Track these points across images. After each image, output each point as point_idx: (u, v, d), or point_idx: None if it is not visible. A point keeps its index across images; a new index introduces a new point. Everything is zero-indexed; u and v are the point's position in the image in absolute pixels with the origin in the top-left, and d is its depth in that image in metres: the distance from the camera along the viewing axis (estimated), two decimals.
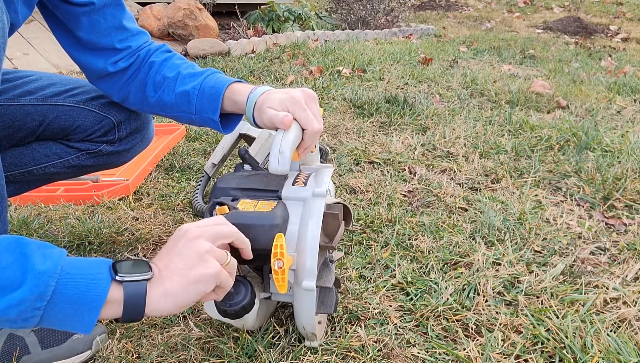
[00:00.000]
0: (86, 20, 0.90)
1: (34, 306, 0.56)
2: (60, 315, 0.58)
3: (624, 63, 3.87)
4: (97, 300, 0.59)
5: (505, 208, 1.42)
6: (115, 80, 0.98)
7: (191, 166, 1.70)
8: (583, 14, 6.58)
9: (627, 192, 1.52)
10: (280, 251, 0.73)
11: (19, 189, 1.07)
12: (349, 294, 1.04)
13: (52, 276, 0.57)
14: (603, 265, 1.18)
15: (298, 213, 0.82)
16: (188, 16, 3.80)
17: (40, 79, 1.02)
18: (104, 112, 1.04)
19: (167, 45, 1.03)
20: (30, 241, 0.59)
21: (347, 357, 0.88)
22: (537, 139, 1.96)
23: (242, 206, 0.81)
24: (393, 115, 2.20)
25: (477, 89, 2.72)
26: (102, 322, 0.95)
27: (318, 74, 2.94)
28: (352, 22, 5.22)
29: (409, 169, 1.68)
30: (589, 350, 0.89)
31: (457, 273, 1.12)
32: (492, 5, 8.05)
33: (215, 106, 0.91)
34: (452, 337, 0.94)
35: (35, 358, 0.84)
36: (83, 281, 0.58)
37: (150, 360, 0.87)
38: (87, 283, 0.59)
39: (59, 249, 0.61)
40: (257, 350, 0.87)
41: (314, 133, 0.85)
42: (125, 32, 0.96)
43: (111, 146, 1.08)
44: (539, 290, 1.06)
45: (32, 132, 1.00)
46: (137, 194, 1.51)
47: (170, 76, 0.95)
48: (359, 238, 1.26)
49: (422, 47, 4.14)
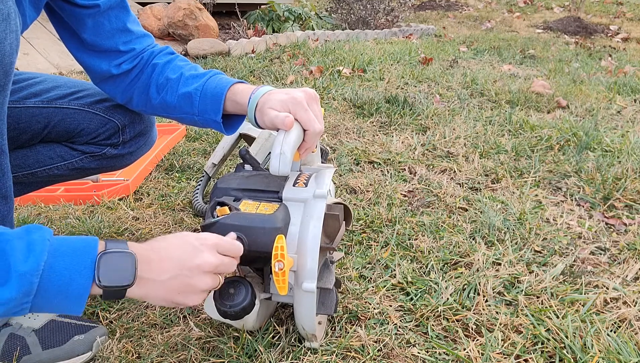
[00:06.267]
0: (91, 22, 0.90)
1: (21, 302, 0.58)
2: (48, 304, 0.60)
3: (624, 63, 3.87)
4: (80, 294, 0.61)
5: (505, 208, 1.42)
6: (118, 82, 0.98)
7: (191, 166, 1.70)
8: (583, 14, 6.58)
9: (627, 192, 1.52)
10: (280, 253, 0.73)
11: (22, 190, 1.08)
12: (349, 294, 1.04)
13: (35, 274, 0.58)
14: (603, 265, 1.18)
15: (299, 214, 0.82)
16: (188, 16, 3.80)
17: (45, 81, 1.02)
18: (109, 116, 1.05)
19: (170, 47, 1.03)
20: (11, 236, 0.59)
21: (347, 357, 0.88)
22: (537, 139, 1.96)
23: (244, 207, 0.81)
24: (393, 115, 2.20)
25: (477, 89, 2.72)
26: (102, 323, 0.96)
27: (318, 74, 2.94)
28: (352, 22, 5.21)
29: (409, 169, 1.68)
30: (589, 350, 0.89)
31: (457, 273, 1.12)
32: (492, 5, 8.04)
33: (217, 107, 0.91)
34: (452, 337, 0.94)
35: (35, 358, 0.84)
36: (66, 274, 0.60)
37: (151, 360, 0.87)
38: (70, 276, 0.60)
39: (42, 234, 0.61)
40: (257, 350, 0.87)
41: (315, 134, 0.85)
42: (130, 34, 0.96)
43: (115, 149, 1.08)
44: (539, 290, 1.06)
45: (37, 135, 1.00)
46: (137, 194, 1.51)
47: (173, 77, 0.95)
48: (359, 238, 1.26)
49: (422, 47, 4.14)
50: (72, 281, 0.60)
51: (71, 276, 0.60)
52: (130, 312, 0.99)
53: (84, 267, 0.61)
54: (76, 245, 0.62)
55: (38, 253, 0.58)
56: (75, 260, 0.61)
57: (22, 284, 0.57)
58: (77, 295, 0.61)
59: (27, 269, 0.57)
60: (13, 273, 0.56)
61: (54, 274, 0.59)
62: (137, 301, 1.02)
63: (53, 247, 0.60)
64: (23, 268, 0.57)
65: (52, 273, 0.59)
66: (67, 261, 0.60)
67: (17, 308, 0.58)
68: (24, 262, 0.57)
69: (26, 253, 0.58)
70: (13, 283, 0.56)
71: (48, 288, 0.59)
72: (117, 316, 0.98)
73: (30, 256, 0.58)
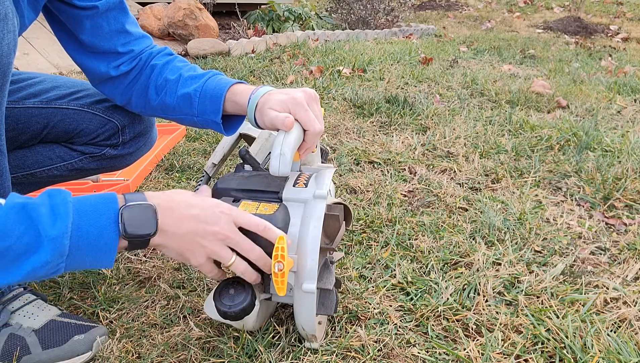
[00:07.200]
0: (89, 23, 0.90)
1: (56, 264, 0.62)
2: (81, 261, 0.65)
3: (624, 63, 3.87)
4: (109, 248, 0.66)
5: (505, 208, 1.42)
6: (117, 83, 0.98)
7: (191, 166, 1.70)
8: (583, 14, 6.58)
9: (627, 192, 1.52)
10: (281, 254, 0.73)
11: (21, 191, 1.07)
12: (349, 294, 1.04)
13: (65, 236, 0.62)
14: (603, 265, 1.18)
15: (299, 215, 0.82)
16: (188, 16, 3.80)
17: (44, 82, 1.02)
18: (108, 116, 1.05)
19: (169, 48, 1.03)
20: (35, 203, 0.62)
21: (347, 357, 0.88)
22: (537, 139, 1.96)
23: (244, 208, 0.81)
24: (393, 115, 2.20)
25: (477, 89, 2.72)
26: (102, 323, 0.96)
27: (318, 74, 2.94)
28: (352, 22, 5.21)
29: (409, 169, 1.68)
30: (589, 350, 0.89)
31: (457, 273, 1.12)
32: (492, 5, 8.04)
33: (217, 108, 0.91)
34: (452, 336, 0.94)
35: (35, 358, 0.84)
36: (93, 231, 0.64)
37: (151, 360, 0.87)
38: (97, 232, 0.64)
39: (63, 197, 0.64)
40: (257, 350, 0.87)
41: (315, 134, 0.85)
42: (128, 36, 0.96)
43: (115, 150, 1.08)
44: (539, 290, 1.06)
45: (36, 135, 1.00)
46: None
47: (172, 78, 0.95)
48: (359, 238, 1.26)
49: (422, 47, 4.14)
50: (100, 236, 0.64)
51: (99, 232, 0.64)
52: (130, 312, 0.99)
53: (109, 221, 0.65)
54: (98, 202, 0.66)
55: (64, 216, 0.62)
56: (100, 217, 0.65)
57: (55, 247, 0.61)
58: (106, 249, 0.65)
59: (57, 233, 0.61)
60: (44, 238, 0.60)
61: (82, 233, 0.63)
62: (137, 301, 1.02)
63: (76, 208, 0.64)
64: (53, 232, 0.61)
65: (80, 233, 0.63)
66: (92, 219, 0.64)
67: (53, 269, 0.62)
68: (52, 226, 0.61)
69: (53, 217, 0.61)
70: (46, 248, 0.60)
71: (80, 246, 0.63)
72: (117, 317, 0.98)
73: (58, 220, 0.61)
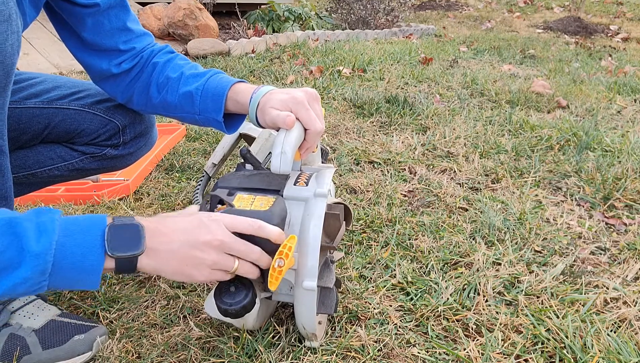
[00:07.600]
0: (90, 21, 0.90)
1: (38, 281, 0.61)
2: (65, 280, 0.63)
3: (624, 63, 3.87)
4: (94, 268, 0.64)
5: (505, 208, 1.42)
6: (119, 81, 0.98)
7: (191, 165, 1.70)
8: (583, 14, 6.58)
9: (627, 192, 1.52)
10: (286, 252, 0.73)
11: (22, 191, 1.08)
12: (349, 294, 1.04)
13: (49, 253, 0.60)
14: (603, 265, 1.18)
15: (299, 214, 0.82)
16: (188, 16, 3.80)
17: (45, 82, 1.02)
18: (109, 116, 1.05)
19: (169, 45, 1.03)
20: (21, 219, 0.61)
21: (347, 356, 0.88)
22: (537, 139, 1.96)
23: (238, 201, 0.80)
24: (393, 115, 2.20)
25: (477, 89, 2.72)
26: (102, 323, 0.96)
27: (318, 74, 2.94)
28: (352, 22, 5.21)
29: (409, 169, 1.68)
30: (589, 350, 0.89)
31: (457, 273, 1.12)
32: (492, 5, 8.04)
33: (218, 106, 0.91)
34: (452, 336, 0.94)
35: (35, 358, 0.84)
36: (78, 250, 0.62)
37: (151, 360, 0.87)
38: (82, 252, 0.63)
39: (51, 215, 0.63)
40: (257, 350, 0.87)
41: (316, 133, 0.85)
42: (130, 33, 0.96)
43: (115, 150, 1.08)
44: (539, 290, 1.06)
45: (37, 135, 1.00)
46: (137, 194, 1.51)
47: (174, 76, 0.95)
48: (359, 238, 1.26)
49: (422, 47, 4.14)
50: (85, 257, 0.63)
51: (83, 252, 0.63)
52: (130, 312, 0.99)
53: (95, 241, 0.64)
54: (85, 222, 0.65)
55: (49, 233, 0.61)
56: (85, 236, 0.63)
57: (36, 264, 0.59)
58: (91, 269, 0.63)
59: (40, 249, 0.60)
60: (26, 254, 0.59)
61: (66, 252, 0.62)
62: (137, 301, 1.02)
63: (63, 226, 0.62)
64: (36, 248, 0.59)
65: (64, 251, 0.62)
66: (78, 238, 0.63)
67: (35, 287, 0.61)
68: (36, 243, 0.60)
69: (37, 234, 0.60)
70: (27, 264, 0.59)
71: (63, 266, 0.61)
72: (117, 317, 0.98)
73: (42, 237, 0.60)
